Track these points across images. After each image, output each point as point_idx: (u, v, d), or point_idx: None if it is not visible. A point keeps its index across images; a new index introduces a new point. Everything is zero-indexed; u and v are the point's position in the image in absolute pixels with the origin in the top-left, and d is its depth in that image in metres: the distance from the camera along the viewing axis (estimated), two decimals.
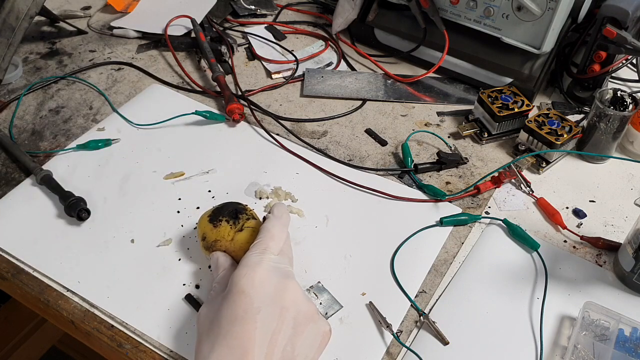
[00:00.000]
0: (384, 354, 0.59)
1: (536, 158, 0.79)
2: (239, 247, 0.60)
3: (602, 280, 0.66)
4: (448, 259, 0.68)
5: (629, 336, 0.59)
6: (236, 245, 0.60)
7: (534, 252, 0.69)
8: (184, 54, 0.99)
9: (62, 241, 0.67)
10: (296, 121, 0.86)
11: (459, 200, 0.75)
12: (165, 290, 0.63)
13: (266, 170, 0.77)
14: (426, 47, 0.94)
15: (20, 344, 1.47)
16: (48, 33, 1.03)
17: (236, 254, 0.61)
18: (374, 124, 0.86)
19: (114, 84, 0.92)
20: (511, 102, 0.82)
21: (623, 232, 0.71)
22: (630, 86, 0.95)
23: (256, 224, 0.62)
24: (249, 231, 0.61)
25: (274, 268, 0.55)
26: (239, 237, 0.61)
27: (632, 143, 0.82)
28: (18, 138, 0.81)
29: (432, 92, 0.93)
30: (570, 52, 0.91)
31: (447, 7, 0.90)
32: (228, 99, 0.85)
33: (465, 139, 0.84)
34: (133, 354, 0.59)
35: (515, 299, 0.64)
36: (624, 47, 0.81)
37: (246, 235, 0.61)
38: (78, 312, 0.61)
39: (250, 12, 1.09)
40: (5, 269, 0.65)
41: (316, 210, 0.72)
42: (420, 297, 0.64)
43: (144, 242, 0.67)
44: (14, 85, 0.91)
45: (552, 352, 0.59)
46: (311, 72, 0.95)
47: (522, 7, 0.84)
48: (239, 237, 0.61)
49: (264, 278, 0.54)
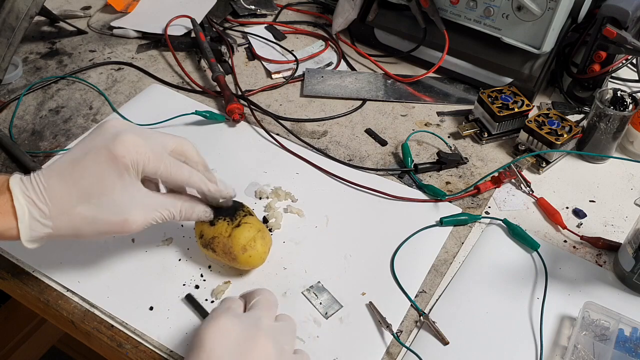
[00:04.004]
0: (384, 354, 0.59)
1: (536, 158, 0.79)
2: (236, 243, 0.60)
3: (602, 280, 0.66)
4: (448, 259, 0.68)
5: (629, 336, 0.59)
6: (233, 241, 0.60)
7: (534, 252, 0.69)
8: (184, 54, 0.99)
9: (62, 241, 0.67)
10: (296, 121, 0.86)
11: (459, 200, 0.75)
12: (165, 290, 0.63)
13: (266, 170, 0.77)
14: (426, 47, 0.94)
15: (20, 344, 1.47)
16: (48, 33, 1.03)
17: (234, 250, 0.61)
18: (374, 124, 0.86)
19: (114, 84, 0.92)
20: (511, 102, 0.82)
21: (623, 232, 0.71)
22: (630, 86, 0.95)
23: (253, 221, 0.62)
24: (247, 227, 0.61)
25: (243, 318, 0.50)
26: (236, 233, 0.61)
27: (632, 143, 0.82)
28: (18, 138, 0.81)
29: (432, 92, 0.93)
30: (570, 52, 0.91)
31: (447, 7, 0.90)
32: (228, 99, 0.85)
33: (465, 139, 0.84)
34: (133, 354, 0.59)
35: (515, 299, 0.64)
36: (624, 47, 0.81)
37: (243, 231, 0.61)
38: (78, 312, 0.61)
39: (250, 12, 1.09)
40: (5, 269, 0.65)
41: (316, 210, 0.72)
42: (420, 297, 0.64)
43: (144, 242, 0.67)
44: (14, 85, 0.91)
45: (552, 352, 0.59)
46: (311, 72, 0.95)
47: (522, 7, 0.84)
48: (236, 232, 0.61)
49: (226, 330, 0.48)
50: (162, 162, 0.54)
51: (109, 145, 0.52)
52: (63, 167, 0.53)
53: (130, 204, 0.53)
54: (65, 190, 0.52)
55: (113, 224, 0.53)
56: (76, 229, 0.53)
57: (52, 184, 0.52)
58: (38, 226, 0.52)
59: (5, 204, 0.51)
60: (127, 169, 0.52)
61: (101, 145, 0.52)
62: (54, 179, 0.52)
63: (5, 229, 0.51)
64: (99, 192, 0.52)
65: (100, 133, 0.54)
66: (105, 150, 0.52)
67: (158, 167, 0.53)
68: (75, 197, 0.52)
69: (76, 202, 0.52)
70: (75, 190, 0.52)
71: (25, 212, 0.51)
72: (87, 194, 0.52)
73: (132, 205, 0.53)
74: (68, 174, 0.52)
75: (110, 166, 0.52)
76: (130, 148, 0.52)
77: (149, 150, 0.53)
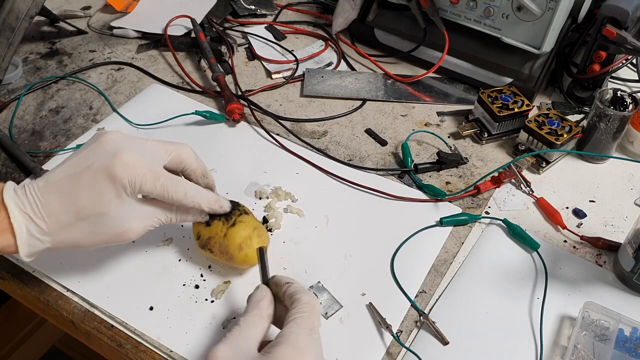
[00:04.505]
0: (384, 354, 0.58)
1: (536, 158, 0.79)
2: (232, 242, 0.60)
3: (602, 280, 0.66)
4: (448, 259, 0.68)
5: (629, 336, 0.59)
6: (229, 241, 0.60)
7: (534, 252, 0.69)
8: (184, 54, 0.99)
9: None
10: (296, 121, 0.86)
11: (459, 200, 0.75)
12: (165, 290, 0.63)
13: (266, 170, 0.77)
14: (426, 47, 0.94)
15: (20, 344, 1.47)
16: (48, 33, 1.03)
17: (230, 249, 0.61)
18: (374, 124, 0.86)
19: (114, 84, 0.92)
20: (511, 102, 0.82)
21: (623, 232, 0.71)
22: (630, 86, 0.95)
23: (249, 219, 0.62)
24: (242, 226, 0.61)
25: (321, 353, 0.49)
26: (232, 232, 0.61)
27: (632, 143, 0.82)
28: (18, 138, 0.81)
29: (432, 92, 0.93)
30: (570, 52, 0.91)
31: (447, 7, 0.90)
32: (228, 99, 0.85)
33: (465, 139, 0.84)
34: (133, 354, 0.59)
35: (515, 299, 0.64)
36: (624, 47, 0.81)
37: (239, 230, 0.61)
38: (78, 312, 0.61)
39: (250, 12, 1.09)
40: (5, 269, 0.65)
41: (316, 210, 0.72)
42: (420, 297, 0.64)
43: (144, 242, 0.67)
44: (14, 85, 0.91)
45: (552, 352, 0.59)
46: (311, 72, 0.95)
47: (522, 7, 0.84)
48: (232, 232, 0.61)
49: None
50: (158, 181, 0.54)
51: (108, 165, 0.52)
52: (60, 183, 0.53)
53: (129, 217, 0.54)
54: (63, 207, 0.52)
55: (112, 235, 0.54)
56: (75, 243, 0.54)
57: (49, 200, 0.52)
58: (36, 242, 0.52)
59: (2, 221, 0.51)
60: (125, 189, 0.52)
61: (99, 164, 0.52)
62: (51, 195, 0.52)
63: (3, 246, 0.51)
64: (97, 210, 0.52)
65: (98, 149, 0.54)
66: (103, 170, 0.52)
67: (155, 187, 0.54)
68: (74, 214, 0.52)
69: (74, 219, 0.52)
70: (73, 208, 0.52)
71: (23, 230, 0.51)
72: (86, 211, 0.52)
73: (130, 218, 0.54)
74: (66, 191, 0.52)
75: (108, 186, 0.52)
76: (128, 170, 0.52)
77: (147, 171, 0.53)
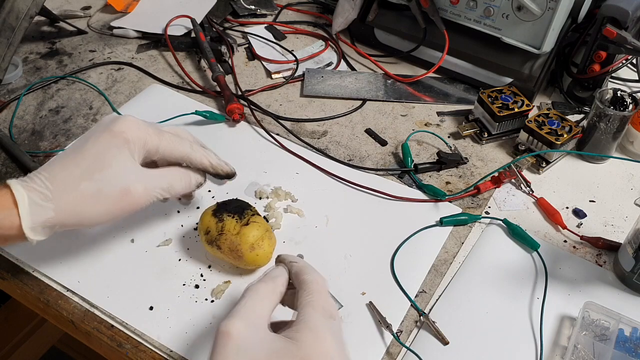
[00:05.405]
0: (384, 354, 0.59)
1: (536, 158, 0.79)
2: (245, 241, 0.61)
3: (602, 280, 0.66)
4: (448, 259, 0.68)
5: (629, 336, 0.59)
6: (242, 239, 0.61)
7: (534, 252, 0.69)
8: (184, 54, 0.99)
9: (62, 241, 0.67)
10: (296, 121, 0.86)
11: (459, 200, 0.75)
12: (165, 290, 0.63)
13: (266, 170, 0.77)
14: (426, 47, 0.94)
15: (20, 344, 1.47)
16: (48, 33, 1.03)
17: (242, 248, 0.61)
18: (374, 124, 0.86)
19: (114, 84, 0.92)
20: (511, 102, 0.82)
21: (623, 232, 0.71)
22: (630, 86, 0.95)
23: (261, 221, 0.63)
24: (255, 226, 0.62)
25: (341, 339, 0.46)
26: (245, 231, 0.61)
27: (632, 143, 0.82)
28: (18, 138, 0.81)
29: (432, 92, 0.93)
30: (570, 52, 0.91)
31: (447, 7, 0.90)
32: (228, 99, 0.85)
33: (465, 139, 0.84)
34: (133, 354, 0.59)
35: (515, 299, 0.64)
36: (624, 47, 0.81)
37: (252, 230, 0.61)
38: (78, 312, 0.61)
39: (250, 12, 1.09)
40: (5, 269, 0.65)
41: (316, 210, 0.72)
42: (420, 297, 0.64)
43: (144, 242, 0.67)
44: (14, 85, 0.91)
45: (552, 352, 0.59)
46: (311, 72, 0.95)
47: (522, 7, 0.84)
48: (245, 230, 0.61)
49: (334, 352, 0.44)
50: (163, 137, 0.56)
51: (109, 125, 0.54)
52: (64, 155, 0.55)
53: (133, 177, 0.55)
54: (66, 172, 0.53)
55: (116, 197, 0.54)
56: (79, 210, 0.53)
57: (53, 170, 0.53)
58: (39, 210, 0.52)
59: (4, 196, 0.51)
60: (127, 143, 0.53)
61: (102, 128, 0.55)
62: (55, 166, 0.53)
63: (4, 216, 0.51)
64: (100, 167, 0.53)
65: (100, 123, 0.56)
66: (105, 130, 0.54)
67: (160, 141, 0.56)
68: (77, 175, 0.53)
69: (78, 179, 0.53)
70: (77, 170, 0.53)
71: (24, 197, 0.51)
72: (89, 170, 0.53)
73: (134, 178, 0.55)
74: (69, 159, 0.54)
75: (110, 141, 0.54)
76: (130, 125, 0.54)
77: (150, 128, 0.56)
